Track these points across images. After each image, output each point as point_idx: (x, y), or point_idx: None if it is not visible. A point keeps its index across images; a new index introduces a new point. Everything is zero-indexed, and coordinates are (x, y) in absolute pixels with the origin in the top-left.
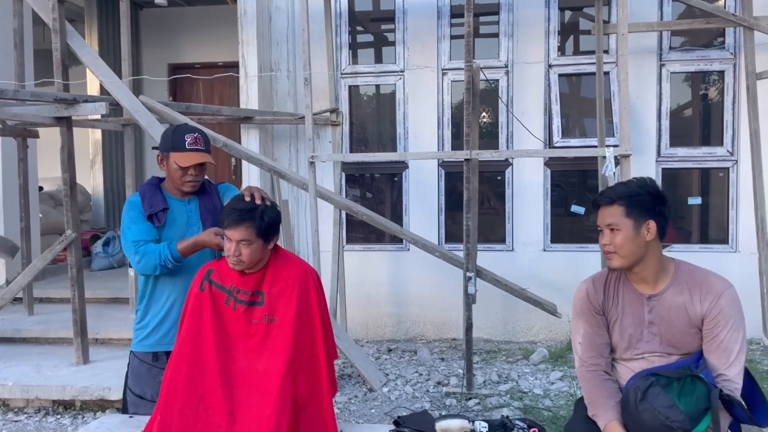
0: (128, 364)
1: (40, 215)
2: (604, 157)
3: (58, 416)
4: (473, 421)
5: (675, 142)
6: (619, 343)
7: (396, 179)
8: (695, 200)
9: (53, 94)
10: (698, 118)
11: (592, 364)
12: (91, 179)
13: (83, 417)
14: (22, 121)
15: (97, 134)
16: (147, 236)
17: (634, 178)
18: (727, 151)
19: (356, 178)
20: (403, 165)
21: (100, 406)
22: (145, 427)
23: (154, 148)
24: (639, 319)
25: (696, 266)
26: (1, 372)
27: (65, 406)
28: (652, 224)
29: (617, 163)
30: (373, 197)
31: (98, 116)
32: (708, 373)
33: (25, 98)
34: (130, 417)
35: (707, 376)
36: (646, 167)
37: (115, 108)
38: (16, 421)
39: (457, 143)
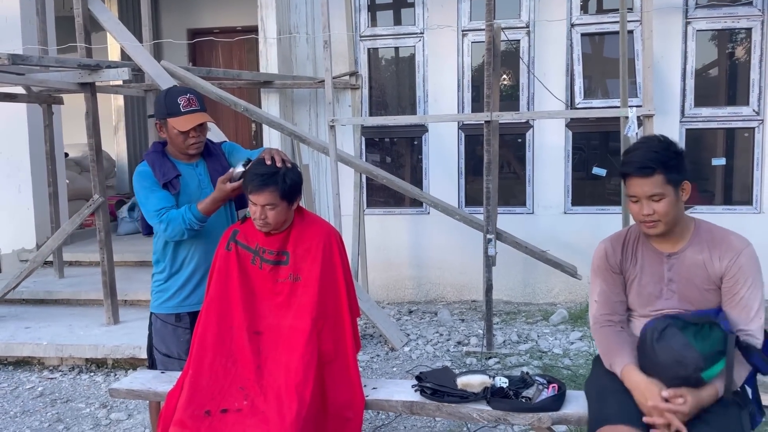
0: (150, 325)
1: (67, 181)
2: (627, 117)
3: (92, 374)
4: (494, 377)
5: (699, 102)
6: (637, 300)
7: (416, 143)
8: (719, 161)
9: (77, 60)
10: (724, 78)
11: (607, 321)
12: (115, 145)
13: (115, 374)
14: (47, 88)
15: (119, 100)
16: (167, 203)
17: (651, 138)
18: (753, 110)
19: (376, 142)
20: (422, 128)
21: (131, 364)
22: (176, 381)
23: (150, 116)
24: (658, 276)
25: (716, 225)
26: (35, 332)
27: (98, 364)
28: (687, 185)
29: (640, 123)
30: (393, 161)
31: (120, 82)
32: (727, 324)
33: (50, 64)
34: (162, 372)
35: (726, 326)
36: (669, 127)
37: (137, 74)
38: (52, 379)
39: (477, 106)
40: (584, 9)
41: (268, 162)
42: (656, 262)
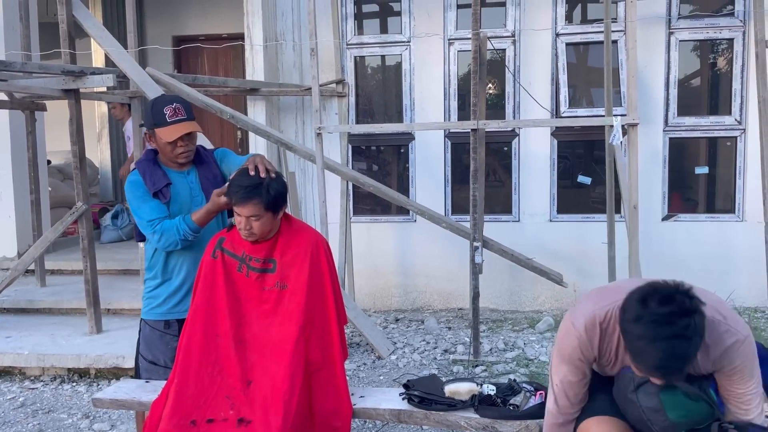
0: (139, 331)
1: (49, 188)
2: (612, 126)
3: (74, 384)
4: (481, 385)
5: (683, 111)
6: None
7: (402, 150)
8: (702, 170)
9: (61, 67)
10: (706, 87)
11: (566, 419)
12: (98, 153)
13: (98, 384)
14: (30, 94)
15: (103, 107)
16: (160, 213)
17: (675, 326)
18: (735, 120)
19: (362, 149)
20: (409, 136)
21: (114, 374)
22: (161, 390)
23: (141, 125)
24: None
25: (711, 317)
26: (16, 341)
27: (80, 374)
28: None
29: (625, 132)
30: (380, 169)
31: (104, 89)
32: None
33: (33, 71)
34: (146, 382)
35: (718, 399)
36: (653, 137)
37: (122, 80)
38: (33, 389)
39: (463, 114)
40: (569, 19)
41: (252, 172)
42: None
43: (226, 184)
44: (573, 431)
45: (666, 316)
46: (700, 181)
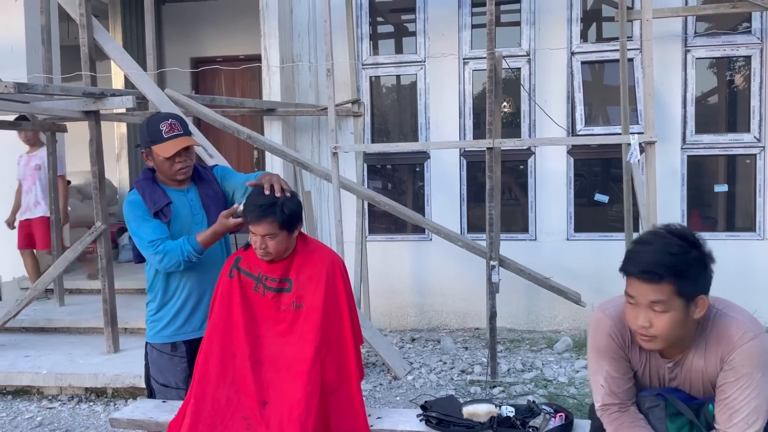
0: (146, 355)
1: (69, 208)
2: (629, 144)
3: (91, 403)
4: (500, 406)
5: (700, 129)
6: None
7: (417, 169)
8: (722, 187)
9: (82, 89)
10: (724, 105)
11: (618, 409)
12: (117, 173)
13: (115, 404)
14: (52, 116)
15: (122, 128)
16: (161, 234)
17: (670, 233)
18: (754, 137)
19: (378, 168)
20: (424, 155)
21: (131, 393)
22: (178, 410)
23: (137, 146)
24: (661, 378)
25: (724, 313)
26: (35, 361)
27: (97, 393)
28: (703, 300)
29: (642, 150)
30: (395, 187)
31: (123, 110)
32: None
33: (55, 93)
34: (163, 402)
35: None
36: (671, 155)
37: (141, 102)
38: (51, 408)
39: (478, 133)
40: (584, 38)
41: (267, 191)
42: (659, 365)
43: (235, 206)
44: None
45: (665, 233)
46: (719, 199)
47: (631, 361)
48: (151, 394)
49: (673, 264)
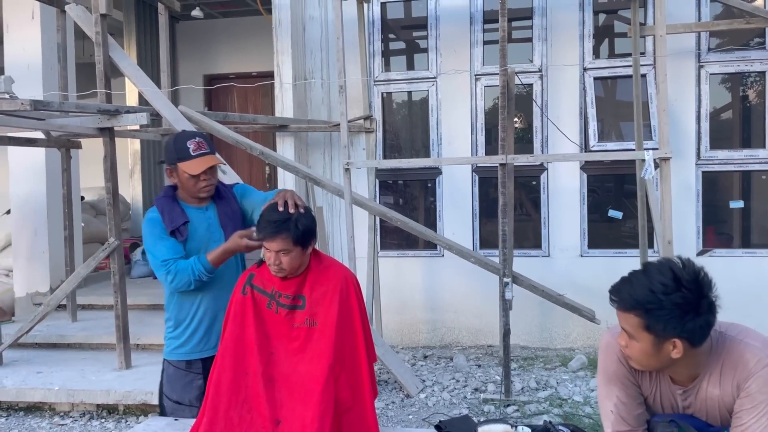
0: (162, 371)
1: (82, 224)
2: (643, 160)
3: (102, 420)
4: (515, 426)
5: (715, 144)
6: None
7: (429, 185)
8: (737, 203)
9: (97, 106)
10: (738, 120)
11: None
12: (130, 189)
13: (126, 421)
14: (66, 132)
15: (135, 144)
16: (174, 253)
17: (663, 269)
18: None
19: (390, 184)
20: (436, 171)
21: (143, 410)
22: (190, 429)
23: (160, 162)
24: (674, 405)
25: (738, 339)
26: (47, 377)
27: (109, 410)
28: (678, 343)
29: (657, 166)
30: (407, 203)
31: (137, 126)
32: None
33: (70, 110)
34: (175, 420)
35: None
36: (685, 170)
37: (155, 118)
38: (62, 425)
39: (489, 149)
40: (596, 53)
41: (281, 207)
42: (670, 391)
43: (251, 228)
44: None
45: (665, 268)
46: (734, 215)
47: (642, 387)
48: (163, 412)
49: (645, 301)
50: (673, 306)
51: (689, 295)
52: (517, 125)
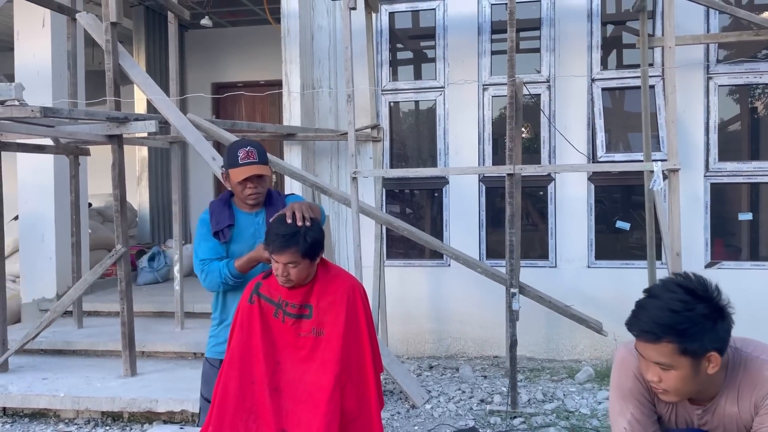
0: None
1: (89, 231)
2: (652, 171)
3: (107, 427)
4: None
5: (724, 156)
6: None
7: (436, 195)
8: (746, 215)
9: (106, 113)
10: (747, 132)
11: None
12: (138, 196)
13: (131, 428)
14: (75, 139)
15: (143, 151)
16: (213, 254)
17: (673, 287)
18: None
19: (396, 193)
20: (443, 180)
21: (148, 418)
22: None
23: (222, 167)
24: (689, 423)
25: (755, 356)
26: (52, 383)
27: (114, 417)
28: (714, 356)
29: (665, 177)
30: (414, 213)
31: (146, 134)
32: None
33: (79, 117)
34: (181, 429)
35: None
36: (694, 182)
37: (163, 126)
38: None
39: (497, 159)
40: (604, 64)
41: (289, 220)
42: (687, 410)
43: None
44: None
45: (674, 285)
46: (743, 228)
47: (657, 405)
48: (200, 411)
49: (674, 322)
50: (703, 318)
51: (711, 303)
52: (524, 135)
